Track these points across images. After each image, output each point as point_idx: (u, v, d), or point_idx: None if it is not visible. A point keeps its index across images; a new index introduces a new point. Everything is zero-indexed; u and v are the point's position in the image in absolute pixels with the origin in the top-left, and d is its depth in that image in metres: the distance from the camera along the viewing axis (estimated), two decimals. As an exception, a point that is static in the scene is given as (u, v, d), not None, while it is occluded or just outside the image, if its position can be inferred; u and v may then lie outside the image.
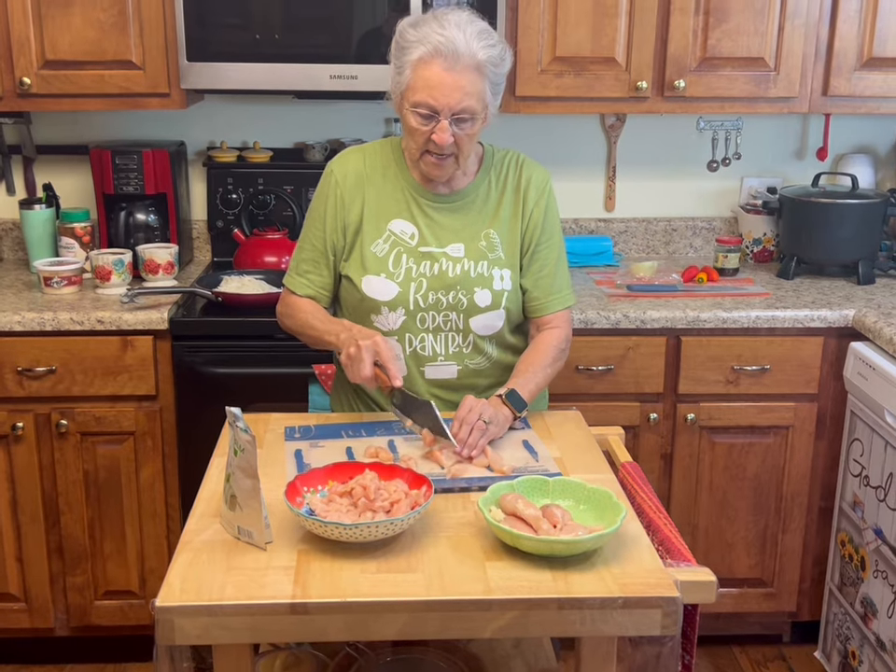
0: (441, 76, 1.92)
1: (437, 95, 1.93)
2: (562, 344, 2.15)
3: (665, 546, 1.64)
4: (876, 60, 2.89)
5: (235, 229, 3.11)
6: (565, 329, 2.17)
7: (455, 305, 2.09)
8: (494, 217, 2.13)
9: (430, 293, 2.08)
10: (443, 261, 2.09)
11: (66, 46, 2.76)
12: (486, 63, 1.95)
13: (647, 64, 2.86)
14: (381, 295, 2.09)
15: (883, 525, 2.53)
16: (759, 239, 3.27)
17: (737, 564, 2.93)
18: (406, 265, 2.09)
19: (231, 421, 1.60)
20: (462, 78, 1.93)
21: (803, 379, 2.79)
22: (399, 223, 2.11)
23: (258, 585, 1.47)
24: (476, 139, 2.05)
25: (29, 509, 2.77)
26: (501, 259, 2.12)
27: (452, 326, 2.11)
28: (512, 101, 2.88)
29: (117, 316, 2.66)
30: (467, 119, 1.96)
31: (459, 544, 1.59)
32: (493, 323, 2.12)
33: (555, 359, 2.13)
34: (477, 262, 2.10)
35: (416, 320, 2.10)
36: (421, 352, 2.11)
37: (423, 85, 1.94)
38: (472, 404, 1.92)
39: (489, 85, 1.97)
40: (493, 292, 2.10)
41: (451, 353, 2.12)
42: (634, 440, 2.79)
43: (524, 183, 2.14)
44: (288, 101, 3.15)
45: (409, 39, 1.95)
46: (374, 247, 2.10)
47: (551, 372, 2.13)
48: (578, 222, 3.32)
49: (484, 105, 1.98)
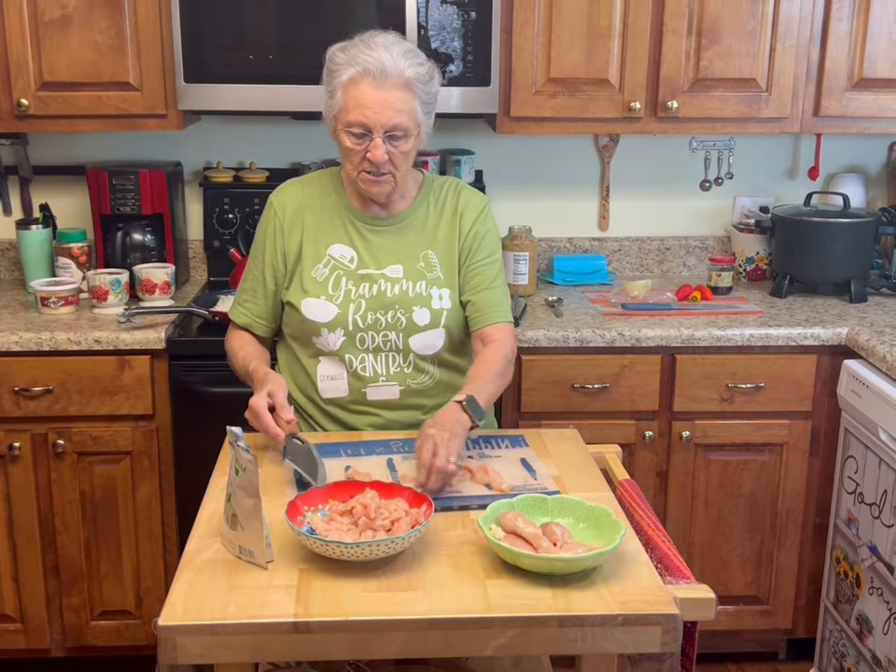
0: (371, 94, 1.95)
1: (368, 113, 1.96)
2: (508, 356, 2.10)
3: (664, 563, 1.65)
4: (867, 81, 2.93)
5: (231, 248, 3.12)
6: (509, 342, 2.12)
7: (394, 325, 2.10)
8: (432, 239, 2.14)
9: (369, 313, 2.09)
10: (382, 282, 2.11)
11: (64, 67, 2.77)
12: (415, 81, 1.98)
13: (640, 85, 2.89)
14: (320, 316, 2.10)
15: (878, 541, 2.54)
16: (752, 258, 3.29)
17: (733, 581, 2.94)
18: (345, 287, 2.11)
19: (233, 440, 1.61)
20: (391, 95, 1.96)
21: (797, 397, 2.81)
22: (339, 248, 2.13)
23: (259, 604, 1.48)
24: (411, 157, 2.06)
25: (25, 529, 2.77)
26: (440, 278, 2.13)
27: (391, 346, 2.11)
28: (507, 121, 2.90)
29: (114, 336, 2.66)
30: (400, 136, 1.98)
31: (460, 562, 1.59)
32: (433, 342, 2.13)
33: (504, 370, 2.08)
34: (415, 282, 2.11)
35: (356, 340, 2.11)
36: (362, 372, 2.12)
37: (354, 104, 1.97)
38: (436, 443, 1.79)
39: (419, 104, 2.00)
40: (431, 311, 2.11)
41: (392, 373, 2.12)
42: (629, 457, 2.80)
43: (461, 206, 2.16)
44: (284, 121, 3.17)
45: (338, 62, 1.99)
46: (315, 272, 2.12)
47: (500, 384, 2.08)
48: (572, 241, 3.34)
49: (416, 123, 2.01)
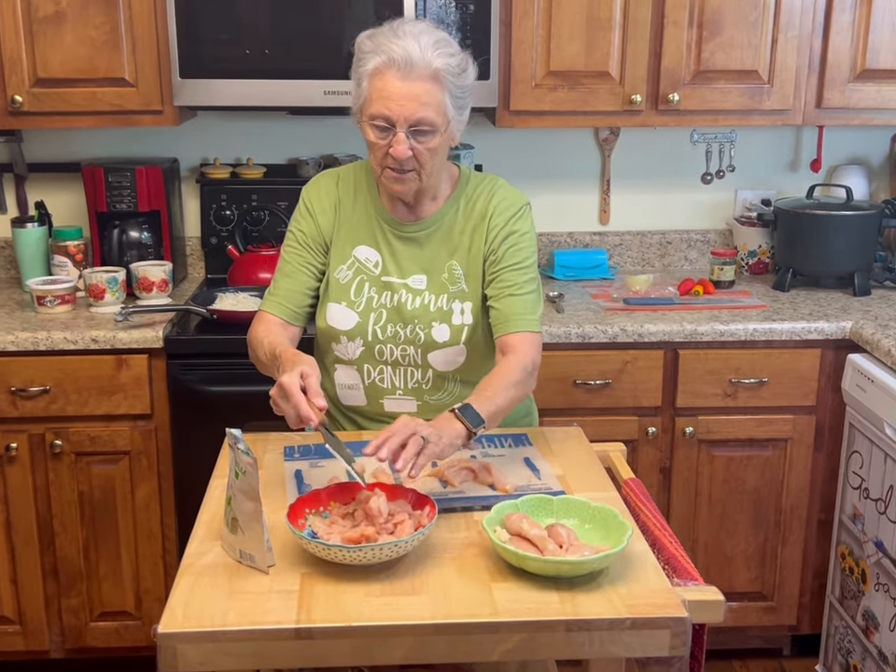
0: (396, 85, 1.84)
1: (391, 106, 1.84)
2: (528, 367, 1.93)
3: (672, 565, 1.63)
4: (870, 72, 2.90)
5: (229, 245, 3.10)
6: (531, 354, 1.95)
7: (413, 340, 2.03)
8: (457, 248, 2.04)
9: (389, 325, 2.03)
10: (403, 293, 2.04)
11: (58, 64, 2.74)
12: (443, 72, 1.85)
13: (641, 78, 2.86)
14: (340, 324, 2.04)
15: (884, 537, 2.52)
16: (754, 251, 3.26)
17: (737, 577, 2.91)
18: (367, 294, 2.04)
19: (232, 443, 1.58)
20: (417, 87, 1.84)
21: (801, 391, 2.78)
22: (364, 250, 2.06)
23: (261, 610, 1.45)
24: (440, 155, 1.95)
25: (23, 530, 2.74)
26: (464, 291, 2.04)
27: (410, 360, 2.05)
28: (507, 115, 2.88)
29: (111, 335, 2.63)
30: (426, 131, 1.87)
31: (464, 565, 1.57)
32: (453, 359, 2.05)
33: (519, 381, 1.90)
34: (438, 296, 2.04)
35: (374, 352, 2.05)
36: (380, 384, 2.07)
37: (378, 96, 1.86)
38: (406, 420, 1.69)
39: (449, 97, 1.88)
40: (451, 327, 2.03)
41: (409, 388, 2.07)
42: (632, 454, 2.78)
43: (491, 209, 2.02)
44: (282, 117, 3.14)
45: (364, 50, 1.89)
46: (338, 273, 2.06)
47: (514, 395, 1.89)
48: (573, 236, 3.31)
49: (445, 118, 1.88)
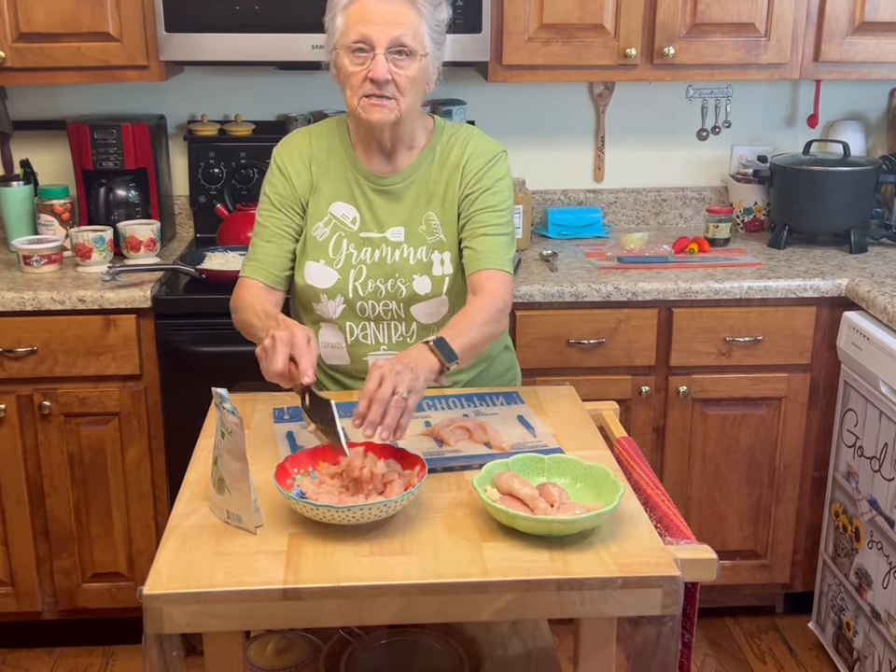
0: (373, 7, 1.87)
1: (370, 27, 1.87)
2: (498, 304, 1.93)
3: (664, 523, 1.61)
4: (868, 24, 2.85)
5: (218, 204, 3.06)
6: (501, 293, 1.95)
7: (395, 294, 2.03)
8: (433, 198, 2.04)
9: (370, 281, 2.02)
10: (383, 247, 2.03)
11: (41, 18, 2.68)
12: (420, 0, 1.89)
13: (635, 31, 2.81)
14: (319, 282, 2.03)
15: (878, 495, 2.51)
16: (750, 208, 3.23)
17: (730, 536, 2.91)
18: (346, 251, 2.03)
19: (218, 402, 1.55)
20: (394, 8, 1.88)
21: (796, 350, 2.76)
22: (341, 206, 2.04)
23: (248, 571, 1.43)
24: (417, 88, 1.94)
25: (13, 492, 2.73)
26: (442, 241, 2.04)
27: (392, 315, 2.05)
28: (499, 69, 2.83)
29: (98, 295, 2.60)
30: (404, 53, 1.88)
31: (454, 525, 1.55)
32: (436, 310, 2.05)
33: (492, 319, 1.91)
34: (416, 248, 2.03)
35: (356, 309, 2.04)
36: (363, 340, 2.06)
37: (356, 20, 1.88)
38: (383, 374, 1.63)
39: (426, 27, 1.90)
40: (432, 278, 2.03)
41: (394, 342, 2.06)
42: (626, 413, 2.76)
43: (465, 157, 2.03)
44: (270, 72, 3.08)
45: None
46: (315, 231, 2.04)
47: (486, 332, 1.90)
48: (566, 193, 3.27)
49: (423, 46, 1.90)
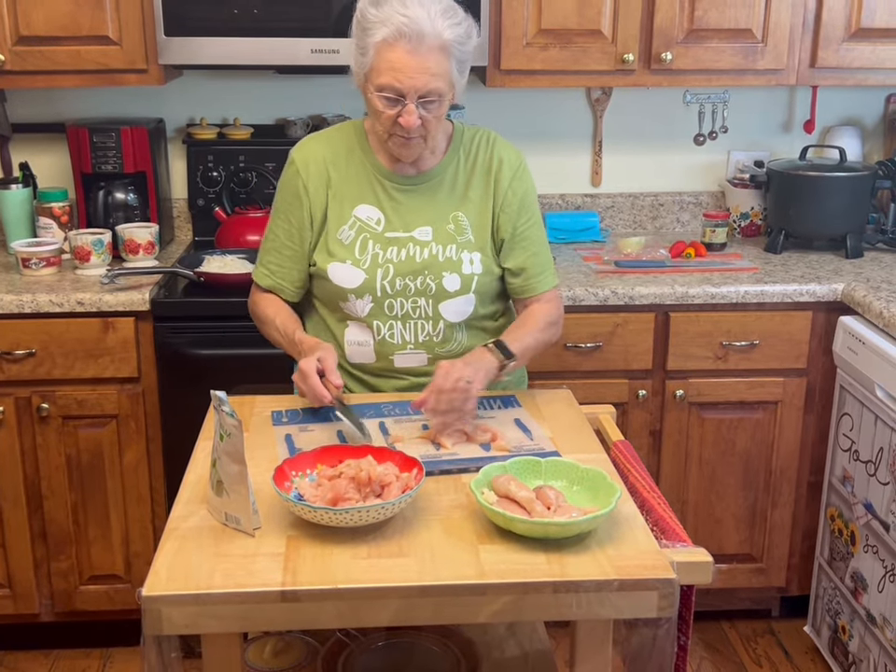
0: (406, 59, 1.85)
1: (402, 78, 1.86)
2: (553, 317, 2.10)
3: (660, 526, 1.62)
4: (864, 31, 2.86)
5: (216, 207, 3.06)
6: (555, 305, 2.13)
7: (424, 291, 2.04)
8: (463, 199, 2.07)
9: (398, 279, 2.03)
10: (410, 246, 2.04)
11: (41, 21, 2.69)
12: (452, 43, 1.87)
13: (633, 37, 2.82)
14: (347, 282, 2.04)
15: (873, 499, 2.52)
16: (746, 213, 3.24)
17: (726, 539, 2.92)
18: (372, 251, 2.04)
19: (216, 405, 1.56)
20: (427, 60, 1.85)
21: (792, 354, 2.77)
22: (365, 209, 2.05)
23: (246, 573, 1.44)
24: (443, 118, 1.99)
25: (11, 494, 2.73)
26: (471, 241, 2.06)
27: (421, 313, 2.06)
28: (497, 74, 2.84)
29: (97, 298, 2.61)
30: (434, 100, 1.90)
31: (452, 528, 1.56)
32: (463, 308, 2.07)
33: (548, 327, 2.08)
34: (445, 246, 2.05)
35: (384, 307, 2.05)
36: (390, 340, 2.07)
37: (387, 68, 1.86)
38: (448, 369, 1.85)
39: (455, 64, 1.90)
40: (462, 276, 2.05)
41: (420, 341, 2.07)
42: (622, 416, 2.77)
43: (496, 164, 2.07)
44: (269, 76, 3.09)
45: (370, 20, 1.87)
46: (340, 234, 2.05)
47: (542, 339, 2.07)
48: (564, 198, 3.28)
49: (451, 85, 1.92)
